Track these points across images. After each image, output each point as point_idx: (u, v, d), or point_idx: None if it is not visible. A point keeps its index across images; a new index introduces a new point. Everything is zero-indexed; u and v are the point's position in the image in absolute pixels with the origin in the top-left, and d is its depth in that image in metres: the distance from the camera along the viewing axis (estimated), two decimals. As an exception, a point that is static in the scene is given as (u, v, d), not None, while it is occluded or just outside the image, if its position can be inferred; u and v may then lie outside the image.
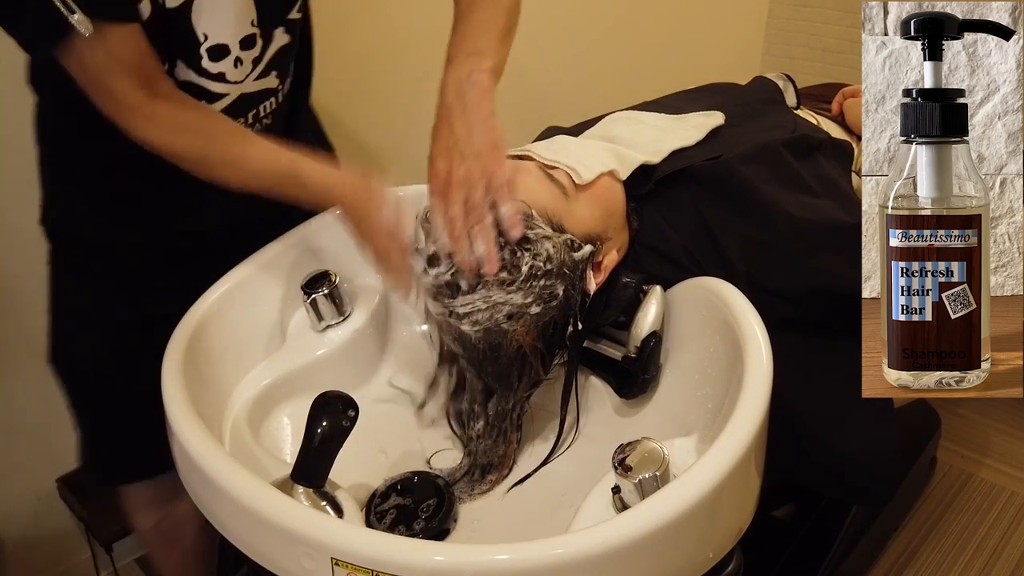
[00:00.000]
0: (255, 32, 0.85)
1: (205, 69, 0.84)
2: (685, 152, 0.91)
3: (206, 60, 0.83)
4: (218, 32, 0.82)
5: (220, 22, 0.82)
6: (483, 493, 0.80)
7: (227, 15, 0.82)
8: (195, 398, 0.73)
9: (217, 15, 0.81)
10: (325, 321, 0.89)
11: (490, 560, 0.56)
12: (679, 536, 0.59)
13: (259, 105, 0.92)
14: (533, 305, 0.75)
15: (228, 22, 0.82)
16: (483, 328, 0.75)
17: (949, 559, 1.49)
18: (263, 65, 0.89)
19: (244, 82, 0.88)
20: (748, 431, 0.63)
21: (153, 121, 0.79)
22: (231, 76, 0.86)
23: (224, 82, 0.86)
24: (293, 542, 0.59)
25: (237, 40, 0.84)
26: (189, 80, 0.84)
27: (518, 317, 0.75)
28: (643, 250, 0.87)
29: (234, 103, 0.89)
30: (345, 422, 0.68)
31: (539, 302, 0.75)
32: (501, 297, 0.74)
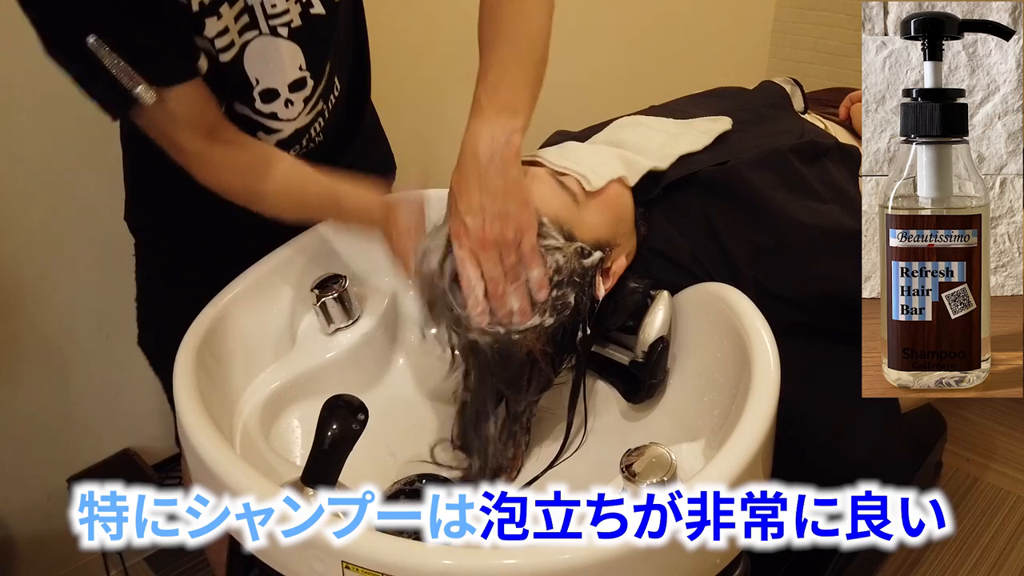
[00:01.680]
0: (305, 75, 0.90)
1: (259, 110, 0.89)
2: (692, 157, 0.92)
3: (259, 102, 0.89)
4: (267, 78, 0.87)
5: (269, 69, 0.87)
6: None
7: (274, 63, 0.87)
8: (206, 400, 0.73)
9: (265, 63, 0.86)
10: (335, 324, 0.90)
11: (499, 564, 0.56)
12: (687, 542, 0.59)
13: (310, 130, 0.96)
14: (548, 317, 0.76)
15: (276, 68, 0.87)
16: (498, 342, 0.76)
17: (955, 563, 1.49)
18: (315, 100, 0.93)
19: (297, 119, 0.93)
20: (755, 436, 0.63)
21: (212, 166, 0.84)
22: (283, 115, 0.91)
23: (277, 120, 0.91)
24: (304, 545, 0.60)
25: (286, 84, 0.89)
26: (246, 115, 0.90)
27: (532, 329, 0.76)
28: (651, 255, 0.88)
29: (289, 137, 0.94)
30: (355, 425, 0.69)
31: (552, 313, 0.76)
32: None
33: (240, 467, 0.65)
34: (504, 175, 0.76)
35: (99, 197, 1.34)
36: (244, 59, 0.85)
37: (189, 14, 0.78)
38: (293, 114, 0.92)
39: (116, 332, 1.43)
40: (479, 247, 0.76)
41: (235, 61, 0.84)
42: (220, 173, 0.85)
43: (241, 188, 0.87)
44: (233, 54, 0.84)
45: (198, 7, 0.78)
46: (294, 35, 0.86)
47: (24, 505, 1.43)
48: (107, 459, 1.49)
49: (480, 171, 0.76)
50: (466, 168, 0.78)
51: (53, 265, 1.34)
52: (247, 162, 0.87)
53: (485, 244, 0.75)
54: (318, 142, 0.98)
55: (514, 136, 0.78)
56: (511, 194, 0.77)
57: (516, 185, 0.77)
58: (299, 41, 0.87)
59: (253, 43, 0.85)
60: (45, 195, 1.30)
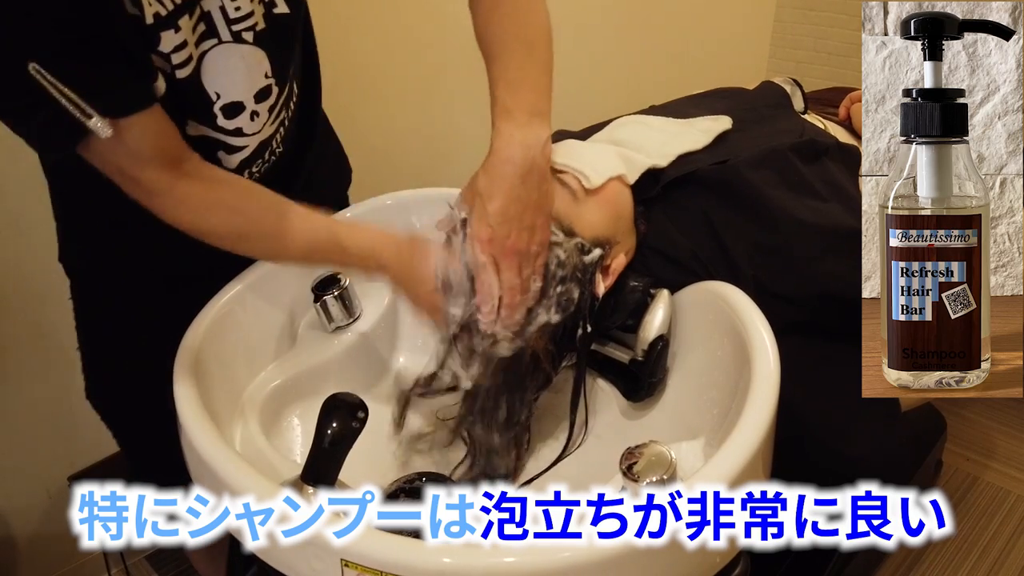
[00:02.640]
0: (270, 83, 0.82)
1: (221, 127, 0.81)
2: (692, 156, 0.92)
3: (221, 118, 0.80)
4: (230, 90, 0.79)
5: (231, 80, 0.78)
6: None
7: (237, 73, 0.78)
8: (206, 399, 0.73)
9: (227, 74, 0.78)
10: (335, 322, 0.90)
11: (498, 562, 0.56)
12: (686, 541, 0.59)
13: (271, 141, 0.89)
14: (553, 314, 0.76)
15: (240, 79, 0.79)
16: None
17: (954, 563, 1.49)
18: (278, 109, 0.86)
19: (262, 131, 0.85)
20: (755, 435, 0.63)
21: (184, 204, 0.75)
22: (248, 129, 0.83)
23: (241, 135, 0.83)
24: (303, 543, 0.60)
25: (251, 95, 0.81)
26: (203, 135, 0.81)
27: (539, 327, 0.77)
28: (651, 254, 0.88)
29: (254, 152, 0.86)
30: (355, 424, 0.69)
31: (557, 310, 0.77)
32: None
33: (240, 466, 0.65)
34: (539, 188, 0.76)
35: (100, 196, 1.34)
36: (201, 73, 0.76)
37: (142, 28, 0.68)
38: (258, 127, 0.84)
39: (116, 331, 1.43)
40: (503, 255, 0.75)
41: (192, 76, 0.75)
42: (193, 213, 0.76)
43: (219, 227, 0.77)
44: (191, 69, 0.74)
45: (153, 19, 0.68)
46: (259, 39, 0.78)
47: (25, 504, 1.43)
48: (108, 458, 1.49)
49: (516, 180, 0.75)
50: (500, 174, 0.75)
51: (54, 263, 1.33)
52: (223, 198, 0.77)
53: (510, 254, 0.75)
54: (279, 153, 0.91)
55: (547, 147, 0.77)
56: (541, 208, 0.76)
57: (546, 199, 0.77)
58: (264, 45, 0.79)
59: (211, 53, 0.76)
60: (46, 193, 1.29)
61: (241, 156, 0.85)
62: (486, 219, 0.75)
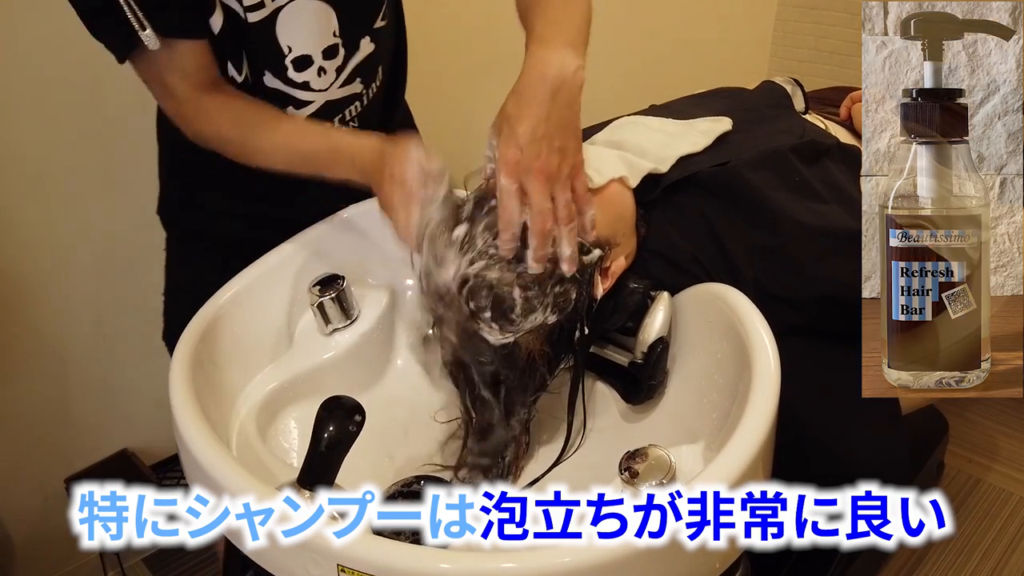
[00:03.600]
0: (337, 42, 0.89)
1: (291, 79, 0.88)
2: (693, 158, 0.91)
3: (291, 71, 0.88)
4: (301, 44, 0.86)
5: (302, 34, 0.86)
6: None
7: (308, 27, 0.85)
8: (202, 401, 0.73)
9: (299, 27, 0.85)
10: (332, 324, 0.89)
11: (497, 568, 0.56)
12: (686, 545, 0.59)
13: (344, 110, 0.95)
14: (550, 315, 0.75)
15: (309, 34, 0.86)
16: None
17: (956, 565, 1.49)
18: (347, 73, 0.92)
19: (329, 90, 0.91)
20: (756, 438, 0.63)
21: (201, 112, 0.84)
22: (315, 85, 0.90)
23: (309, 90, 0.90)
24: (300, 548, 0.59)
25: (320, 51, 0.88)
26: (277, 88, 0.88)
27: (535, 328, 0.75)
28: (651, 256, 0.87)
29: (320, 109, 0.92)
30: (352, 427, 0.68)
31: (555, 310, 0.76)
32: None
33: (236, 469, 0.65)
34: (570, 107, 0.73)
35: (98, 198, 1.34)
36: (276, 25, 0.84)
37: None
38: (325, 84, 0.90)
39: (114, 332, 1.43)
40: (532, 178, 0.71)
41: (266, 26, 0.83)
42: (212, 120, 0.85)
43: (234, 135, 0.86)
44: (263, 16, 0.82)
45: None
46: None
47: (21, 506, 1.43)
48: (105, 459, 1.48)
49: (546, 99, 0.71)
50: (529, 93, 0.72)
51: (51, 265, 1.33)
52: (241, 110, 0.86)
53: (539, 175, 0.71)
54: (351, 127, 0.96)
55: (580, 71, 0.74)
56: (571, 129, 0.73)
57: (577, 120, 0.74)
58: (333, 3, 0.86)
59: (287, 8, 0.83)
60: (44, 195, 1.29)
61: (307, 111, 0.92)
62: (514, 140, 0.71)
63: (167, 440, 1.53)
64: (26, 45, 1.20)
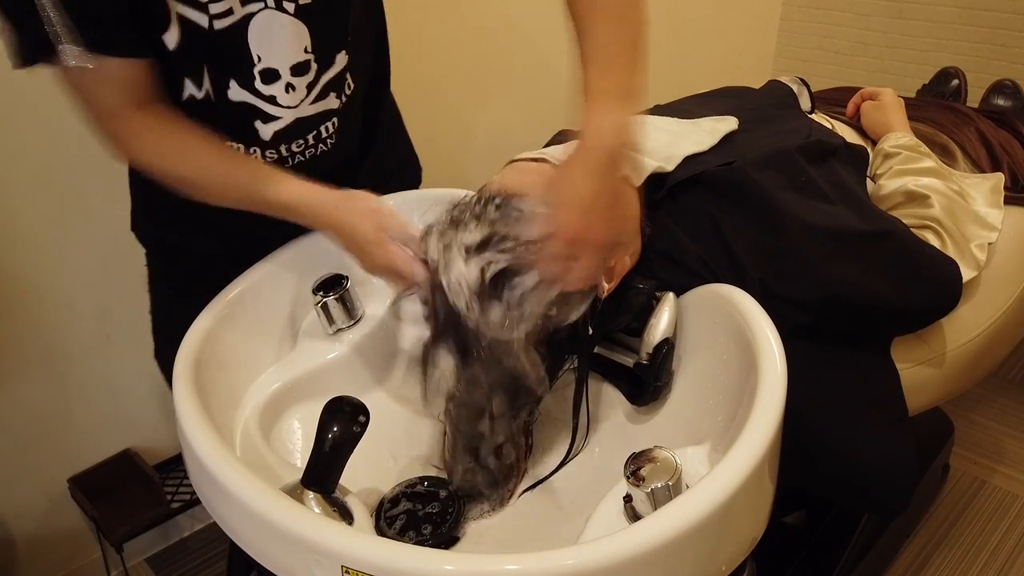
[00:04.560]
0: (309, 59, 0.84)
1: (258, 90, 0.83)
2: (698, 158, 0.91)
3: (259, 81, 0.82)
4: (269, 56, 0.81)
5: (271, 46, 0.81)
6: (498, 502, 0.79)
7: (278, 40, 0.81)
8: (206, 402, 0.73)
9: (269, 39, 0.80)
10: (336, 325, 0.89)
11: (500, 570, 0.55)
12: (692, 548, 0.58)
13: (319, 127, 0.90)
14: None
15: (279, 47, 0.81)
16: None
17: (962, 567, 1.48)
18: (319, 89, 0.87)
19: (299, 107, 0.86)
20: (762, 441, 0.62)
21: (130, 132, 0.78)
22: (283, 101, 0.85)
23: (276, 105, 0.85)
24: (304, 550, 0.59)
25: (288, 66, 0.83)
26: (244, 101, 0.83)
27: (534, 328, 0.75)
28: (656, 257, 0.87)
29: (290, 126, 0.87)
30: (356, 428, 0.68)
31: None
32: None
33: (240, 469, 0.64)
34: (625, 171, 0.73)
35: (100, 197, 1.34)
36: (248, 32, 0.79)
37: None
38: (294, 100, 0.85)
39: (117, 333, 1.43)
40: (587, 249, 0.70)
41: (236, 32, 0.78)
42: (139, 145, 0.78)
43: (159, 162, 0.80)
44: (231, 22, 0.77)
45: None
46: (301, 12, 0.81)
47: (24, 506, 1.43)
48: (108, 459, 1.48)
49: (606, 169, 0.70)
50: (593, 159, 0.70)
51: (54, 265, 1.33)
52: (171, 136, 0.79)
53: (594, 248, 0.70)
54: (330, 144, 0.93)
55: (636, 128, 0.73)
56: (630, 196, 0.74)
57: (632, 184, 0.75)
58: (306, 19, 0.81)
59: (258, 16, 0.79)
60: (46, 195, 1.29)
61: (275, 127, 0.86)
62: (577, 207, 0.69)
63: (170, 440, 1.54)
64: (30, 44, 1.20)
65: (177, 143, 0.80)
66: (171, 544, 1.64)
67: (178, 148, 0.80)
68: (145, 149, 0.79)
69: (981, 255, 1.00)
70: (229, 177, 0.82)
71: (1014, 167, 1.16)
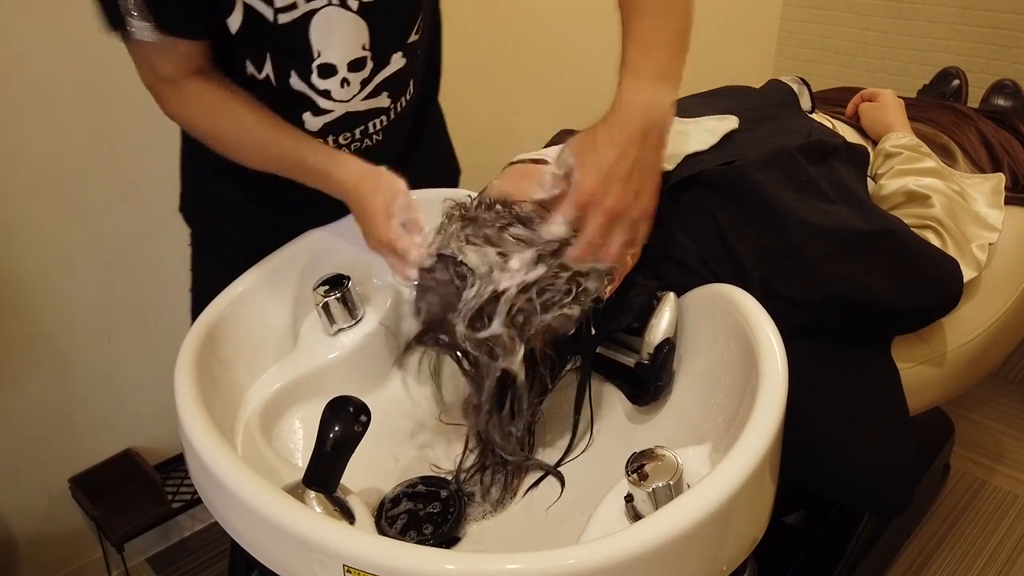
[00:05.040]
0: (366, 56, 0.86)
1: (314, 84, 0.86)
2: (699, 157, 0.91)
3: (315, 76, 0.85)
4: (329, 51, 0.84)
5: (331, 42, 0.83)
6: (499, 502, 0.79)
7: (338, 36, 0.83)
8: (208, 401, 0.73)
9: (329, 35, 0.82)
10: (337, 325, 0.89)
11: (501, 569, 0.56)
12: (693, 547, 0.58)
13: (368, 123, 0.93)
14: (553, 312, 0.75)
15: (338, 43, 0.84)
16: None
17: (962, 567, 1.48)
18: (373, 86, 0.89)
19: (351, 101, 0.89)
20: (763, 440, 0.62)
21: (181, 95, 0.83)
22: (336, 95, 0.87)
23: (329, 99, 0.87)
24: (306, 549, 0.59)
25: (345, 62, 0.85)
26: (301, 91, 0.86)
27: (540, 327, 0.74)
28: (656, 256, 0.87)
29: (339, 119, 0.90)
30: (357, 427, 0.68)
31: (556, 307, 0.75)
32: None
33: (241, 469, 0.64)
34: (656, 150, 0.73)
35: (101, 197, 1.34)
36: (310, 27, 0.81)
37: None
38: (347, 95, 0.88)
39: (118, 332, 1.43)
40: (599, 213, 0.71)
41: (298, 27, 0.81)
42: (189, 105, 0.84)
43: (202, 125, 0.85)
44: (294, 17, 0.80)
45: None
46: (364, 9, 0.82)
47: (25, 505, 1.43)
48: (108, 459, 1.49)
49: (636, 138, 0.71)
50: (620, 127, 0.72)
51: (55, 265, 1.33)
52: (218, 101, 0.84)
53: (607, 214, 0.71)
54: (376, 140, 0.95)
55: (671, 111, 0.75)
56: (652, 175, 0.73)
57: (660, 164, 0.75)
58: (367, 17, 0.83)
59: (321, 12, 0.81)
60: (47, 195, 1.29)
61: (325, 119, 0.89)
62: (596, 171, 0.70)
63: (171, 440, 1.54)
64: (31, 45, 1.20)
65: (223, 107, 0.84)
66: (172, 544, 1.64)
67: (224, 111, 0.84)
68: (192, 111, 0.85)
69: (981, 255, 1.00)
70: (270, 142, 0.85)
71: (1015, 167, 1.16)
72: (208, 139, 0.86)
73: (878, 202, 1.02)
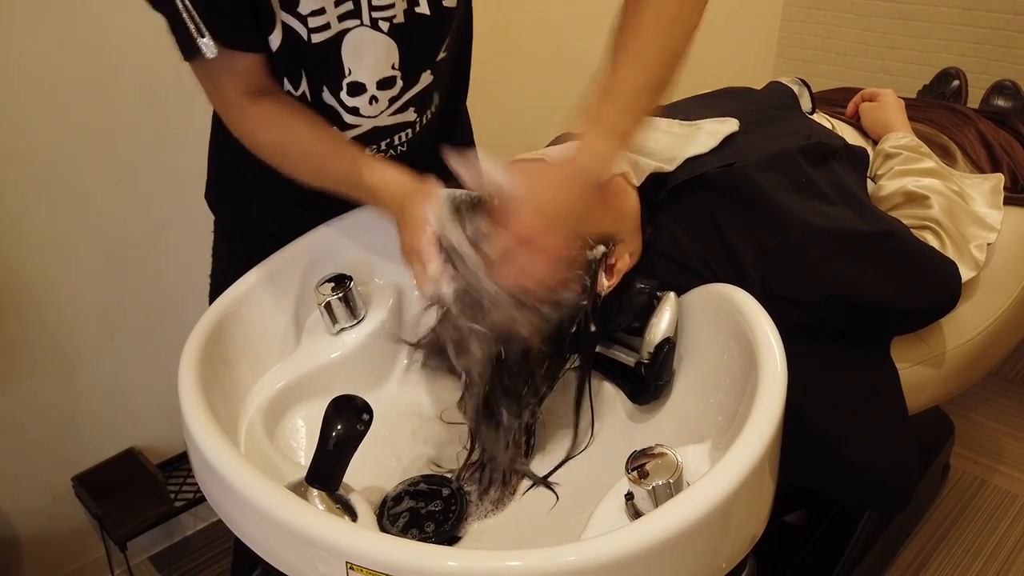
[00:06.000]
0: (395, 75, 0.89)
1: (343, 101, 0.88)
2: (699, 159, 0.91)
3: (344, 93, 0.88)
4: (359, 70, 0.86)
5: (361, 61, 0.86)
6: (499, 500, 0.80)
7: (368, 56, 0.85)
8: (211, 400, 0.73)
9: (361, 55, 0.85)
10: (340, 324, 0.89)
11: (503, 566, 0.56)
12: (692, 545, 0.59)
13: (393, 135, 0.95)
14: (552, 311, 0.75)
15: (368, 63, 0.86)
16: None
17: (962, 566, 1.48)
18: (401, 103, 0.92)
19: (378, 117, 0.91)
20: (762, 439, 0.63)
21: (246, 117, 0.86)
22: (365, 111, 0.90)
23: (357, 115, 0.90)
24: (309, 546, 0.59)
25: (375, 81, 0.88)
26: (332, 106, 0.89)
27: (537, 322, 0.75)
28: (657, 257, 0.87)
29: (365, 134, 0.93)
30: (360, 426, 0.68)
31: (556, 307, 0.75)
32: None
33: (244, 467, 0.65)
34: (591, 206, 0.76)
35: (104, 196, 1.34)
36: (342, 47, 0.84)
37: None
38: (375, 111, 0.90)
39: (121, 331, 1.43)
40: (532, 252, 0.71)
41: (330, 46, 0.83)
42: (254, 127, 0.87)
43: (269, 146, 0.88)
44: (327, 37, 0.83)
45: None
46: (394, 31, 0.85)
47: (28, 505, 1.43)
48: (112, 458, 1.49)
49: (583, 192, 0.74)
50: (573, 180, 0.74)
51: (58, 265, 1.34)
52: (282, 123, 0.87)
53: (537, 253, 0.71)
54: (399, 151, 0.97)
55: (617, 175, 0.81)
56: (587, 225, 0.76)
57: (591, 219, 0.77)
58: (397, 38, 0.86)
59: (353, 32, 0.84)
60: (50, 194, 1.30)
61: (351, 134, 0.92)
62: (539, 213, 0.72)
63: (173, 439, 1.54)
64: (34, 44, 1.21)
65: (285, 130, 0.87)
66: (174, 542, 1.64)
67: (286, 134, 0.87)
68: (257, 134, 0.88)
69: (980, 255, 1.01)
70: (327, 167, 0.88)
71: (1014, 167, 1.16)
72: (270, 159, 0.88)
73: (877, 203, 1.02)
